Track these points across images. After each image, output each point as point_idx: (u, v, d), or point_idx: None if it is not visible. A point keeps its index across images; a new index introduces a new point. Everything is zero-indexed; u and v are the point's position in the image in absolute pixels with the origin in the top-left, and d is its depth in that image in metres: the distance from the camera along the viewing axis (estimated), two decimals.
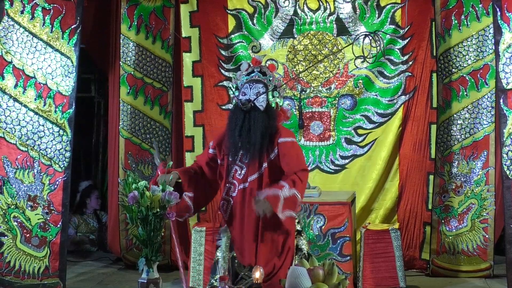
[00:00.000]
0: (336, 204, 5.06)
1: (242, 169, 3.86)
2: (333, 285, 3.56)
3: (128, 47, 5.96)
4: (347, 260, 5.01)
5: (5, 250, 5.06)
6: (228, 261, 3.90)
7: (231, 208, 3.89)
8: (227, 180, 3.90)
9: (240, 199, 3.85)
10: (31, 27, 5.13)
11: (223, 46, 6.09)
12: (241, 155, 3.84)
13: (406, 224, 5.83)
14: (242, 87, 3.95)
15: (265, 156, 3.83)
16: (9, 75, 5.10)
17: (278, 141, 3.86)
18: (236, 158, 3.86)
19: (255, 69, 4.00)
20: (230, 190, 3.88)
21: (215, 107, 6.09)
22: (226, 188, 3.90)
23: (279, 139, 3.86)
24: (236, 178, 3.87)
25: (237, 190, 3.86)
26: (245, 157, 3.85)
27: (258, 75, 3.97)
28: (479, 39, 5.59)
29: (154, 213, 3.63)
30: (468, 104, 5.64)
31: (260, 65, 4.02)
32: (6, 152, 5.07)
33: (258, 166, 3.84)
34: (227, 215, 3.91)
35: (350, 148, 5.96)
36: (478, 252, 5.59)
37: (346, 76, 5.96)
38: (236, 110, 3.93)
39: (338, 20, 5.95)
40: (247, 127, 3.83)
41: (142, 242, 3.66)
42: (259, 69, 4.00)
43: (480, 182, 5.60)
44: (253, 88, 3.91)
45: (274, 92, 3.96)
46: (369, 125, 5.94)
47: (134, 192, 3.63)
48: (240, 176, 3.86)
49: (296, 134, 5.97)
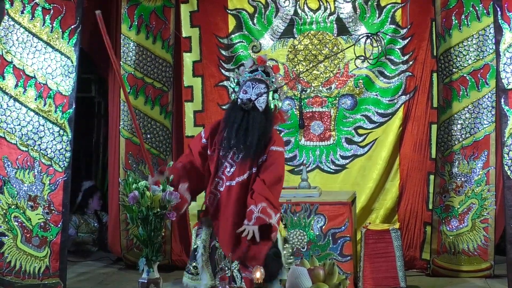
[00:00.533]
0: (337, 204, 5.06)
1: (232, 167, 3.86)
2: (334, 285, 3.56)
3: (129, 47, 5.96)
4: (348, 260, 5.01)
5: (5, 250, 5.06)
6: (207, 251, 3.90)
7: (217, 201, 3.90)
8: (216, 174, 3.90)
9: (226, 195, 3.85)
10: (31, 27, 5.13)
11: (223, 46, 6.09)
12: (233, 153, 3.84)
13: (406, 224, 5.83)
14: (244, 84, 3.93)
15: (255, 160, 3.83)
16: (9, 75, 5.10)
17: (270, 149, 3.86)
18: (228, 154, 3.85)
19: (259, 68, 3.98)
20: (218, 185, 3.89)
21: (215, 107, 6.09)
22: (215, 183, 3.90)
23: (271, 147, 3.87)
24: (225, 174, 3.87)
25: (224, 185, 3.86)
26: (237, 157, 3.84)
27: (261, 74, 3.95)
28: (480, 39, 5.59)
29: (155, 213, 3.63)
30: (469, 104, 5.64)
31: (264, 65, 4.00)
32: (6, 152, 5.07)
33: (248, 168, 3.84)
34: (212, 208, 3.91)
35: (350, 148, 5.96)
36: (478, 252, 5.58)
37: (347, 76, 5.95)
38: (235, 107, 3.92)
39: (339, 20, 5.95)
40: (245, 126, 3.83)
41: (143, 242, 3.66)
42: (263, 68, 3.98)
43: (480, 182, 5.60)
44: (255, 87, 3.89)
45: (274, 94, 3.94)
46: (370, 125, 5.93)
47: (134, 192, 3.63)
48: (229, 173, 3.87)
49: (297, 134, 5.99)
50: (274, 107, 3.95)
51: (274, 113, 3.96)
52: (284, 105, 5.98)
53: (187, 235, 5.84)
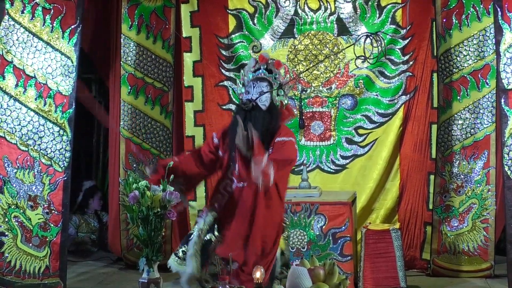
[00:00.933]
0: (337, 204, 5.05)
1: (239, 166, 3.87)
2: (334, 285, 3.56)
3: (129, 47, 5.96)
4: (348, 260, 5.01)
5: (5, 249, 5.06)
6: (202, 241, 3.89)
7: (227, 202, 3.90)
8: (226, 175, 3.90)
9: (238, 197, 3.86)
10: (32, 27, 5.13)
11: (223, 46, 6.09)
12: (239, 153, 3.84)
13: (406, 224, 5.83)
14: (247, 84, 3.93)
15: None
16: (9, 75, 5.10)
17: (276, 140, 3.84)
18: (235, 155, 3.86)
19: (262, 66, 3.97)
20: (228, 186, 3.89)
21: (215, 107, 6.09)
22: (224, 184, 3.90)
23: (277, 138, 3.85)
24: (234, 175, 3.87)
25: (235, 186, 3.86)
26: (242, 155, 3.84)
27: (264, 73, 3.94)
28: (480, 39, 5.59)
29: (155, 213, 3.64)
30: (469, 104, 5.64)
31: (267, 62, 3.99)
32: (6, 152, 5.07)
33: None
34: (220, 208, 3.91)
35: (350, 148, 5.96)
36: (479, 252, 5.58)
37: (347, 76, 5.95)
38: (239, 109, 3.92)
39: (339, 20, 5.95)
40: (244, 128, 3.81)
41: (143, 242, 3.67)
42: (265, 66, 3.97)
43: (481, 182, 5.60)
44: (256, 87, 3.89)
45: (279, 90, 3.92)
46: (370, 125, 5.93)
47: (134, 192, 3.63)
48: (237, 173, 3.87)
49: (297, 134, 5.98)
50: (280, 103, 3.93)
51: (281, 109, 3.94)
52: None
53: None
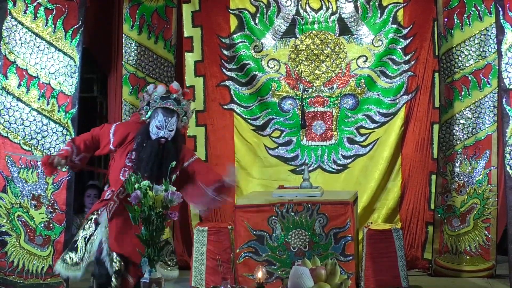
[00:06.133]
0: (338, 204, 5.05)
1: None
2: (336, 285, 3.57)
3: (130, 47, 5.97)
4: (350, 259, 5.01)
5: (8, 249, 5.08)
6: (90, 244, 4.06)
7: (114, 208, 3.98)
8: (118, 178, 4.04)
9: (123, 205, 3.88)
10: (34, 27, 5.15)
11: (225, 46, 6.10)
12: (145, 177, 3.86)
13: (408, 224, 5.84)
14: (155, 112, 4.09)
15: None
16: (12, 75, 5.12)
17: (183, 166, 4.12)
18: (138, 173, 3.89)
19: (171, 96, 4.09)
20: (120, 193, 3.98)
21: (217, 106, 6.11)
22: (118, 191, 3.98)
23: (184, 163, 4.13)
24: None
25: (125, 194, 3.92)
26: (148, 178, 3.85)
27: (172, 103, 4.12)
28: (482, 39, 5.59)
29: (157, 213, 3.64)
30: (471, 103, 5.65)
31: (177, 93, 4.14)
32: (10, 151, 5.08)
33: None
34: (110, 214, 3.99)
35: (352, 147, 5.96)
36: (480, 252, 5.59)
37: (348, 75, 5.96)
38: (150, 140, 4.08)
39: (340, 19, 5.96)
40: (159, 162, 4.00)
41: (145, 242, 3.67)
42: (174, 97, 4.10)
43: (482, 181, 5.60)
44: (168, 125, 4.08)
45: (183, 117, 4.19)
46: (371, 124, 5.94)
47: (136, 191, 3.64)
48: None
49: (298, 133, 5.99)
50: None
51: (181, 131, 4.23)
52: (286, 105, 6.00)
53: (189, 235, 5.84)
